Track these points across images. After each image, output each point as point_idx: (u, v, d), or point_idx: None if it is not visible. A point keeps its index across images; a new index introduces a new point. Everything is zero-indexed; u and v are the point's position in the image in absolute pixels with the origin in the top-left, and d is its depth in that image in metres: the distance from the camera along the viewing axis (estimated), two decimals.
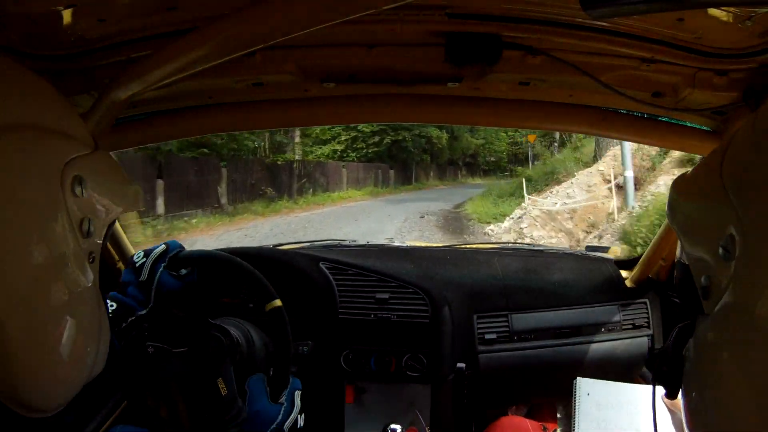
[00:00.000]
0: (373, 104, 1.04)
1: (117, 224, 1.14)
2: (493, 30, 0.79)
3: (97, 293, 0.54)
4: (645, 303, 1.42)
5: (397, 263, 1.43)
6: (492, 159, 28.55)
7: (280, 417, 0.89)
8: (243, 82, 0.95)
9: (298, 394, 0.95)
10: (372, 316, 1.29)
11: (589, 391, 1.02)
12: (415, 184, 20.84)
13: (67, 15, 0.68)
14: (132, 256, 1.00)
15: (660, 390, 0.61)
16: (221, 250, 1.14)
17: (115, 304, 0.93)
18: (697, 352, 0.48)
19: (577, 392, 1.02)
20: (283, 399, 0.92)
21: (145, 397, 0.94)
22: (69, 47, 0.77)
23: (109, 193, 0.59)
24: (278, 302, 0.95)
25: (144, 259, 0.97)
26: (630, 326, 1.39)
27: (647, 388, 1.01)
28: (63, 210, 0.49)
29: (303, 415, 0.94)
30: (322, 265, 1.35)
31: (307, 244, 1.64)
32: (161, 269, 0.98)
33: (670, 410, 0.88)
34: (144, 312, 0.98)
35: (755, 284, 0.38)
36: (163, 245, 0.99)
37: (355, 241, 1.72)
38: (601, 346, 1.37)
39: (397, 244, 1.71)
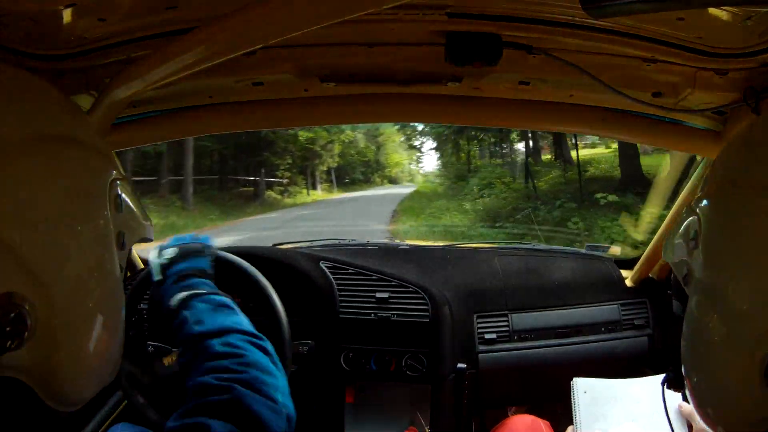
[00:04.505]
0: (373, 104, 1.04)
1: None
2: (493, 29, 0.79)
3: (122, 298, 0.59)
4: (645, 303, 1.42)
5: (397, 263, 1.43)
6: None
7: None
8: (243, 82, 0.95)
9: None
10: (372, 315, 1.29)
11: (587, 389, 1.04)
12: None
13: (67, 15, 0.68)
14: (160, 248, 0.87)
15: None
16: (223, 249, 1.13)
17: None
18: (687, 334, 0.54)
19: (574, 391, 1.04)
20: None
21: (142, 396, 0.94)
22: (69, 47, 0.76)
23: (137, 216, 0.64)
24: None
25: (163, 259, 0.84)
26: (630, 326, 1.39)
27: (645, 381, 1.03)
28: (109, 221, 0.54)
29: None
30: (322, 265, 1.35)
31: (307, 243, 1.64)
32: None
33: (684, 417, 0.89)
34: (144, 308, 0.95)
35: (714, 261, 0.50)
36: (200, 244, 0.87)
37: (355, 240, 1.72)
38: (601, 346, 1.37)
39: (397, 243, 1.71)
